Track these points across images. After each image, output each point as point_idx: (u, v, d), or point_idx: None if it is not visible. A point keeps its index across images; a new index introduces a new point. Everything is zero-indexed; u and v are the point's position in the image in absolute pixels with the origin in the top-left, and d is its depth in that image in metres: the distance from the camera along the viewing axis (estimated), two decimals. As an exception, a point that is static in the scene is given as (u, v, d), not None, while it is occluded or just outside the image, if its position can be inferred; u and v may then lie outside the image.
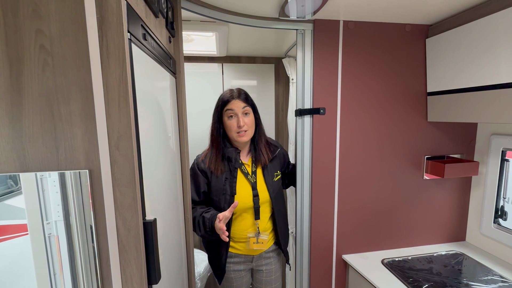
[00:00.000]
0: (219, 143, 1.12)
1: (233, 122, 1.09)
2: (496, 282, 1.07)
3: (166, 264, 0.71)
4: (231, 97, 1.10)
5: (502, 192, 1.23)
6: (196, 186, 1.14)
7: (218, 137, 1.13)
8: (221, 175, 1.11)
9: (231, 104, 1.09)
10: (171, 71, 0.88)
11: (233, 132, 1.10)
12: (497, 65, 0.96)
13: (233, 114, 1.09)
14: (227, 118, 1.11)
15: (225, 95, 1.12)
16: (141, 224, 0.49)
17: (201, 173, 1.14)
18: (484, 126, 1.29)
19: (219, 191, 1.12)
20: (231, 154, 1.12)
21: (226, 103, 1.10)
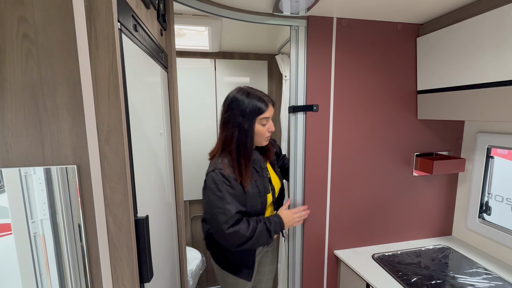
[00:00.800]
0: (251, 152, 1.01)
1: (264, 128, 1.03)
2: (480, 274, 1.11)
3: (158, 262, 0.70)
4: (266, 106, 1.01)
5: (487, 188, 1.27)
6: (238, 198, 0.99)
7: (251, 147, 1.01)
8: (251, 180, 1.04)
9: (268, 112, 1.01)
10: (163, 65, 0.85)
11: (263, 138, 1.04)
12: (483, 64, 0.99)
13: (267, 121, 1.03)
14: (260, 126, 1.02)
15: (258, 103, 0.99)
16: (133, 221, 0.48)
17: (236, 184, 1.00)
18: (470, 124, 1.33)
19: (255, 196, 1.04)
20: (256, 156, 1.08)
21: (262, 111, 1.00)
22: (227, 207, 0.93)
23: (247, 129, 0.98)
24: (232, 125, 0.98)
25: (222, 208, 0.93)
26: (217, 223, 0.93)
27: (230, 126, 0.99)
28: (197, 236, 2.00)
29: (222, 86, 1.91)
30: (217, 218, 0.93)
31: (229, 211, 0.93)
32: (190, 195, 1.95)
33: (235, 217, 0.95)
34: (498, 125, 1.20)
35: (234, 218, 0.94)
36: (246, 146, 0.98)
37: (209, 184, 0.96)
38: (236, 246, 0.96)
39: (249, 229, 0.96)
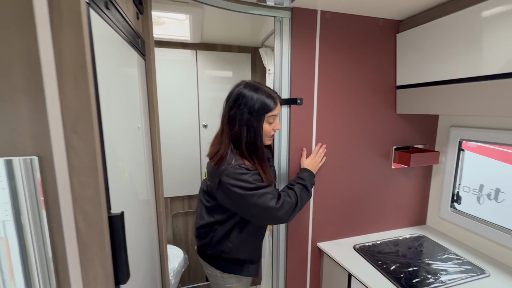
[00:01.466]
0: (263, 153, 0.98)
1: (270, 127, 0.98)
2: (452, 260, 1.18)
3: (136, 261, 0.66)
4: (275, 103, 0.95)
5: (458, 179, 1.35)
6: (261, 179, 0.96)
7: (262, 146, 0.97)
8: None
9: (276, 110, 0.96)
10: (140, 52, 0.79)
11: (267, 137, 0.99)
12: (456, 61, 1.03)
13: (274, 119, 0.98)
14: (267, 124, 0.96)
15: (267, 100, 0.94)
16: (106, 218, 0.43)
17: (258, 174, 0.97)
18: (444, 118, 1.40)
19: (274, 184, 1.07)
20: (266, 151, 1.05)
21: (271, 109, 0.95)
22: (263, 190, 0.91)
23: (256, 127, 0.92)
24: (239, 123, 0.92)
25: (259, 193, 0.89)
26: (265, 206, 0.90)
27: (237, 124, 0.92)
28: (178, 233, 1.95)
29: (204, 80, 1.85)
30: (262, 201, 0.89)
31: (267, 189, 0.92)
32: (171, 191, 1.88)
33: (275, 191, 0.95)
34: (469, 120, 1.27)
35: (275, 192, 0.94)
36: (256, 146, 0.94)
37: (233, 183, 0.89)
38: (289, 215, 0.96)
39: (291, 196, 0.97)
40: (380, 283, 1.02)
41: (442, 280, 1.04)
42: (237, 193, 0.89)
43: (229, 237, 1.03)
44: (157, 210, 0.94)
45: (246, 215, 0.97)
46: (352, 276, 1.12)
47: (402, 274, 1.07)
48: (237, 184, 0.89)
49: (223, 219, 1.02)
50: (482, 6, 0.92)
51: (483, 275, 1.07)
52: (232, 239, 1.03)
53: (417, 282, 1.02)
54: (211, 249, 1.07)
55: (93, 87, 0.39)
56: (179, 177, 1.88)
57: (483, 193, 1.25)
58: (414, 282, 1.02)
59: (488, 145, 1.24)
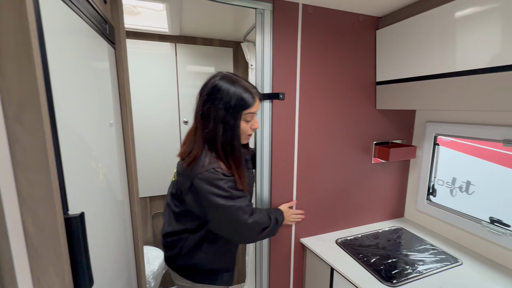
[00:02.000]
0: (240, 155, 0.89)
1: (247, 126, 0.89)
2: (428, 250, 1.22)
3: (104, 265, 0.60)
4: (253, 99, 0.85)
5: (433, 173, 1.40)
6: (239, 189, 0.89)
7: (239, 146, 0.88)
8: None
9: (255, 107, 0.86)
10: (108, 40, 0.73)
11: (244, 136, 0.90)
12: (431, 57, 1.06)
13: (252, 117, 0.89)
14: (244, 122, 0.87)
15: (245, 96, 0.84)
16: (62, 220, 0.39)
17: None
18: (421, 114, 1.45)
19: (249, 188, 1.00)
20: (243, 151, 0.97)
21: (249, 106, 0.85)
22: (239, 201, 0.85)
23: (233, 126, 0.83)
24: (214, 120, 0.82)
25: (234, 205, 0.83)
26: (237, 220, 0.85)
27: (212, 121, 0.83)
28: (159, 234, 1.87)
29: (184, 75, 1.78)
30: (234, 215, 0.84)
31: (243, 203, 0.86)
32: (150, 191, 1.80)
33: (250, 206, 0.90)
34: (444, 115, 1.32)
35: (249, 208, 0.89)
36: (233, 147, 0.85)
37: (206, 188, 0.81)
38: (256, 236, 0.93)
39: (265, 218, 0.95)
40: (361, 276, 1.03)
41: (419, 270, 1.07)
42: (209, 201, 0.82)
43: (202, 247, 0.94)
44: (132, 210, 0.89)
45: (213, 225, 0.89)
46: (334, 270, 1.13)
47: (382, 266, 1.09)
48: (210, 190, 0.81)
49: (194, 227, 0.92)
50: (454, 4, 0.95)
51: (456, 264, 1.12)
52: (205, 249, 0.94)
53: (396, 273, 1.05)
54: (182, 261, 0.97)
55: (41, 70, 0.34)
56: (159, 175, 1.80)
57: (456, 185, 1.31)
58: (393, 273, 1.05)
59: (460, 139, 1.30)
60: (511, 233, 1.07)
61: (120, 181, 0.83)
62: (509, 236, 1.07)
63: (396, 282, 0.99)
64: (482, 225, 1.16)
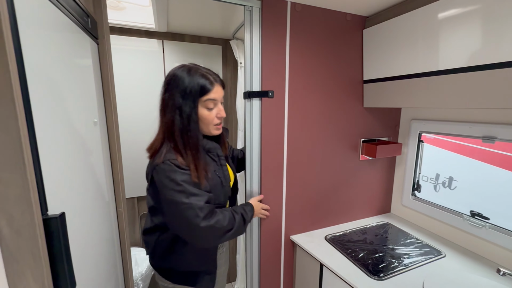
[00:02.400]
0: (198, 142, 0.85)
1: (212, 114, 0.85)
2: (413, 244, 1.26)
3: (88, 267, 0.58)
4: (211, 84, 0.83)
5: (418, 169, 1.45)
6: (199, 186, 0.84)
7: (198, 135, 0.84)
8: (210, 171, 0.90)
9: (213, 93, 0.83)
10: (90, 34, 0.70)
11: (210, 125, 0.87)
12: (416, 56, 1.09)
13: (214, 104, 0.85)
14: (205, 110, 0.84)
15: (201, 81, 0.82)
16: (40, 221, 0.37)
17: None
18: (406, 112, 1.48)
19: (217, 186, 0.92)
20: (211, 146, 0.93)
21: (207, 91, 0.82)
22: (193, 200, 0.78)
23: (189, 113, 0.81)
24: (171, 108, 0.81)
25: (187, 203, 0.77)
26: (187, 221, 0.77)
27: (170, 109, 0.82)
28: (147, 235, 1.84)
29: (172, 71, 1.74)
30: (185, 215, 0.77)
31: (197, 203, 0.78)
32: (138, 191, 1.76)
33: (206, 208, 0.80)
34: (428, 113, 1.36)
35: (205, 209, 0.80)
36: (189, 134, 0.82)
37: (160, 180, 0.78)
38: (214, 241, 0.84)
39: (226, 220, 0.85)
40: (349, 271, 1.05)
41: (405, 263, 1.10)
42: (163, 194, 0.79)
43: (174, 250, 0.89)
44: (118, 211, 0.86)
45: (169, 223, 0.84)
46: (323, 266, 1.14)
47: (369, 261, 1.12)
48: (164, 183, 0.78)
49: (164, 225, 0.88)
50: (437, 5, 0.97)
51: (439, 256, 1.16)
52: (179, 252, 0.89)
53: (383, 267, 1.07)
54: (158, 262, 0.94)
55: (14, 63, 0.32)
56: (146, 176, 1.76)
57: (439, 181, 1.35)
58: (380, 267, 1.07)
59: (443, 137, 1.34)
60: (491, 225, 1.12)
61: (106, 181, 0.81)
62: (488, 228, 1.12)
63: (382, 276, 1.02)
64: (464, 219, 1.21)
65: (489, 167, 1.18)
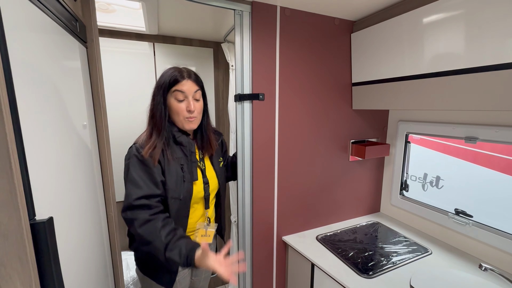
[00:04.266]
0: (164, 126, 0.93)
1: (181, 106, 0.93)
2: (401, 242, 1.29)
3: (78, 271, 0.58)
4: (181, 77, 0.92)
5: (406, 169, 1.49)
6: (151, 176, 0.88)
7: (162, 121, 0.93)
8: (174, 162, 0.94)
9: (181, 85, 0.92)
10: (79, 38, 0.70)
11: (181, 117, 0.94)
12: (402, 59, 1.13)
13: (183, 97, 0.93)
14: (175, 101, 0.93)
15: (173, 73, 0.93)
16: (28, 226, 0.37)
17: (151, 161, 0.89)
18: (393, 113, 1.53)
19: (178, 179, 0.93)
20: (183, 139, 0.98)
21: (174, 83, 0.92)
22: (130, 186, 0.84)
23: (159, 100, 0.93)
24: (151, 99, 0.96)
25: (128, 188, 0.85)
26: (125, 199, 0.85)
27: (150, 101, 0.97)
28: (139, 238, 1.82)
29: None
30: (125, 198, 0.85)
31: (133, 190, 0.84)
32: (129, 194, 1.74)
33: (137, 200, 0.83)
34: (415, 114, 1.40)
35: (135, 200, 0.82)
36: (155, 117, 0.93)
37: (125, 160, 0.91)
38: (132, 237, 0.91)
39: (148, 229, 0.80)
40: (340, 269, 1.07)
41: (393, 261, 1.13)
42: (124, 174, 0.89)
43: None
44: (108, 214, 0.86)
45: None
46: (315, 266, 1.16)
47: (359, 259, 1.14)
48: (126, 164, 0.89)
49: None
50: (421, 10, 1.01)
51: (426, 253, 1.19)
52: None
53: (372, 265, 1.10)
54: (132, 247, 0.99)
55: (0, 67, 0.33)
56: (138, 179, 1.75)
57: (427, 181, 1.40)
58: (370, 265, 1.10)
59: (430, 137, 1.39)
60: (474, 223, 1.16)
61: (95, 184, 0.80)
62: (472, 225, 1.16)
63: (372, 274, 1.04)
64: (449, 216, 1.25)
65: (473, 166, 1.22)
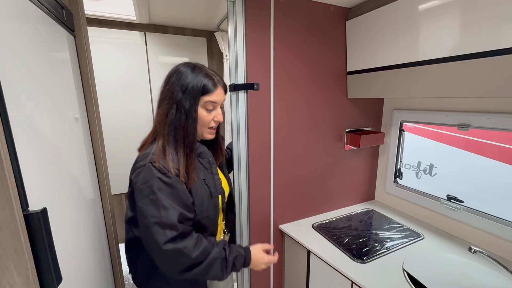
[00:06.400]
0: (195, 141, 0.79)
1: (209, 116, 0.81)
2: (395, 228, 1.32)
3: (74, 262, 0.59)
4: (213, 85, 0.78)
5: (399, 157, 1.51)
6: (181, 199, 0.73)
7: (193, 132, 0.78)
8: (198, 178, 0.81)
9: (214, 95, 0.79)
10: (66, 26, 0.68)
11: (205, 128, 0.82)
12: (397, 47, 1.12)
13: (213, 107, 0.80)
14: (203, 111, 0.79)
15: (204, 80, 0.77)
16: (21, 217, 0.37)
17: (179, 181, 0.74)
18: (388, 102, 1.53)
19: (205, 197, 0.81)
20: (203, 150, 0.85)
21: (208, 91, 0.77)
22: (164, 214, 0.67)
23: (189, 109, 0.75)
24: (169, 100, 0.75)
25: (156, 216, 0.67)
26: (152, 237, 0.66)
27: (167, 101, 0.76)
28: (137, 231, 1.83)
29: (156, 66, 1.71)
30: (152, 230, 0.66)
31: (167, 218, 0.67)
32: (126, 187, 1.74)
33: (177, 228, 0.69)
34: (409, 103, 1.41)
35: (175, 229, 0.68)
36: (186, 129, 0.75)
37: (138, 184, 0.70)
38: (177, 271, 0.69)
39: (197, 249, 0.70)
40: (335, 256, 1.10)
41: (387, 246, 1.16)
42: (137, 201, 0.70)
43: (157, 271, 0.77)
44: (104, 206, 0.86)
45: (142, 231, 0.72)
46: (311, 253, 1.19)
47: (354, 245, 1.17)
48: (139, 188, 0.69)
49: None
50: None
51: (419, 238, 1.22)
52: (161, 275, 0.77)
53: (367, 251, 1.13)
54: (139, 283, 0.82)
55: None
56: (134, 171, 1.74)
57: (421, 169, 1.42)
58: (364, 251, 1.13)
59: (423, 125, 1.40)
60: (465, 208, 1.19)
61: (89, 176, 0.80)
62: (462, 211, 1.19)
63: (366, 259, 1.07)
64: (441, 202, 1.28)
65: (465, 154, 1.24)
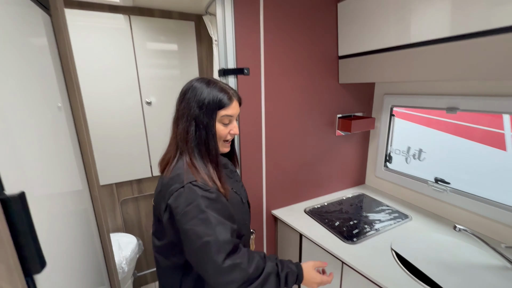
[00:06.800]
0: (218, 154, 0.78)
1: (225, 130, 0.79)
2: (384, 210, 1.36)
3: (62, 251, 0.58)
4: (229, 99, 0.77)
5: (390, 141, 1.53)
6: (228, 212, 0.72)
7: (215, 147, 0.77)
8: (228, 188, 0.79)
9: (231, 109, 0.78)
10: (39, 3, 0.64)
11: (221, 141, 0.81)
12: (388, 30, 1.11)
13: (229, 120, 0.79)
14: (220, 125, 0.78)
15: (219, 95, 0.76)
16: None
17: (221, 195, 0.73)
18: (379, 86, 1.53)
19: (239, 205, 0.82)
20: (224, 161, 0.85)
21: (224, 106, 0.76)
22: (218, 231, 0.66)
23: (207, 124, 0.74)
24: (187, 118, 0.74)
25: (211, 234, 0.65)
26: (209, 256, 0.64)
27: (185, 120, 0.75)
28: (130, 220, 1.82)
29: (143, 53, 1.64)
30: (208, 249, 0.64)
31: (222, 234, 0.66)
32: (117, 177, 1.72)
33: (231, 242, 0.67)
34: (400, 87, 1.41)
35: (229, 244, 0.67)
36: (208, 145, 0.75)
37: (181, 207, 0.67)
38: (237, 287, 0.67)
39: (251, 263, 0.69)
40: (326, 238, 1.12)
41: (376, 228, 1.19)
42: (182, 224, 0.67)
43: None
44: (92, 195, 0.84)
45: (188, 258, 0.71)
46: (303, 236, 1.21)
47: (344, 228, 1.20)
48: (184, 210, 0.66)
49: (183, 262, 0.75)
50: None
51: (406, 219, 1.26)
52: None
53: (357, 233, 1.16)
54: None
55: None
56: (125, 161, 1.71)
57: (410, 154, 1.44)
58: (354, 233, 1.16)
59: (413, 110, 1.41)
60: (451, 189, 1.23)
61: (76, 165, 0.77)
62: (449, 192, 1.23)
63: (356, 240, 1.10)
64: (428, 185, 1.31)
65: (453, 138, 1.26)
